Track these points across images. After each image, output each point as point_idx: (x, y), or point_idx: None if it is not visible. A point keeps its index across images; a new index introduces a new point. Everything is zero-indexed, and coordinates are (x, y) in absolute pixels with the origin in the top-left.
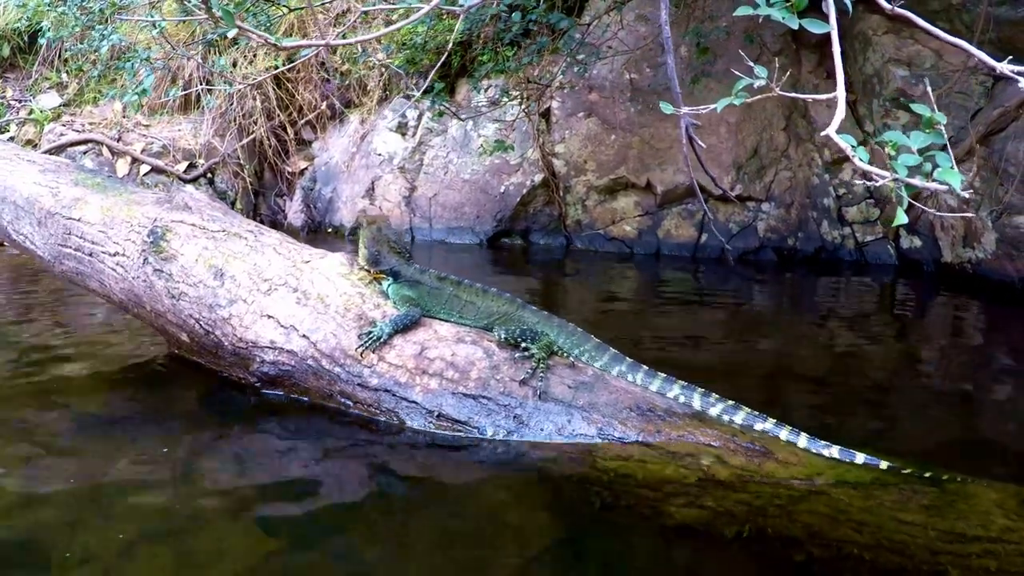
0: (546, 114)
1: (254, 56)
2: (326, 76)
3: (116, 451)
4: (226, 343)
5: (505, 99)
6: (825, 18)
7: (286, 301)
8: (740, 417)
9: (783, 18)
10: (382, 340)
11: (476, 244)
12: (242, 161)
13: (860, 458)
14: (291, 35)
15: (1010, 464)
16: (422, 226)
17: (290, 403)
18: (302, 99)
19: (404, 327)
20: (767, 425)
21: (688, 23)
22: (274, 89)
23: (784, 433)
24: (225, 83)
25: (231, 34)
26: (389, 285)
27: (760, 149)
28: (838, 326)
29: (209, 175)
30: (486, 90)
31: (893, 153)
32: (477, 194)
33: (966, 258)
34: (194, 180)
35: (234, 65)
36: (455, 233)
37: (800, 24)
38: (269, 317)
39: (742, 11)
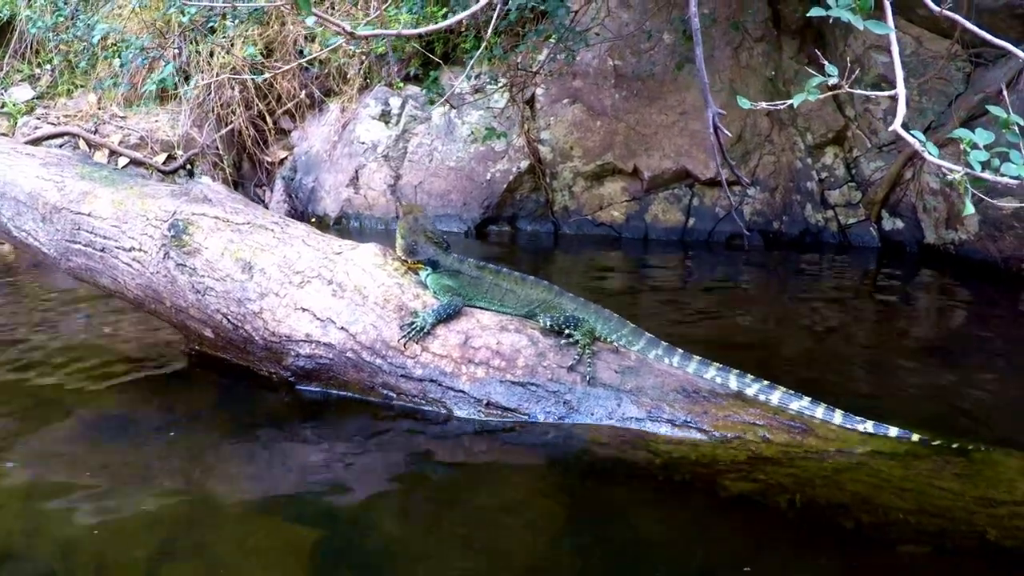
0: (530, 101)
1: (231, 45)
2: (305, 64)
3: (135, 456)
4: (257, 337)
5: (490, 86)
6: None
7: (321, 294)
8: (776, 396)
9: (850, 20)
10: (425, 330)
11: (463, 232)
12: (221, 152)
13: (893, 431)
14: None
15: (1003, 431)
16: None
17: (326, 399)
18: (281, 88)
19: (447, 317)
20: (803, 403)
21: (671, 10)
22: (252, 78)
23: (820, 411)
24: (253, 72)
25: (309, 21)
26: (428, 275)
27: (744, 134)
28: (825, 306)
29: (188, 166)
30: (477, 76)
31: (968, 149)
32: (463, 181)
33: (949, 239)
34: (173, 172)
35: (211, 55)
36: (442, 221)
37: (865, 25)
38: (304, 310)
39: (815, 12)
